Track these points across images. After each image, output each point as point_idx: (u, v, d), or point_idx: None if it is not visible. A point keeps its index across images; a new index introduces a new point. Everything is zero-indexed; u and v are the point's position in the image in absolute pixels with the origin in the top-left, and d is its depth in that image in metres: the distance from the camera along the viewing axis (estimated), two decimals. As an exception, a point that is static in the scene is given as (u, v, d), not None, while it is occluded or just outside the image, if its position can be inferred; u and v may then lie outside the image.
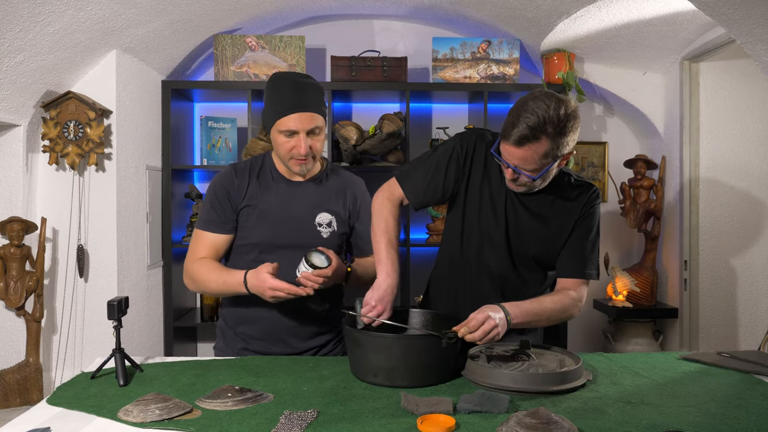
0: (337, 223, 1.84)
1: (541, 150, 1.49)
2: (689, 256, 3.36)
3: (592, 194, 1.73)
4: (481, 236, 1.74)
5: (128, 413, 1.24)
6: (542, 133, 1.46)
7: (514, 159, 1.53)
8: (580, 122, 1.55)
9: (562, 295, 1.69)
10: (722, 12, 2.11)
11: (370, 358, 1.46)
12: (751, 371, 1.56)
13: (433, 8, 3.36)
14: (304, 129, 1.70)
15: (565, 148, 1.52)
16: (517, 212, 1.71)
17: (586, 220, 1.72)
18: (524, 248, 1.73)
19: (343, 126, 3.29)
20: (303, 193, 1.82)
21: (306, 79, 1.75)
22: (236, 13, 3.16)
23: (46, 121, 2.74)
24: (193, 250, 1.82)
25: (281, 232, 1.78)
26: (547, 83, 3.31)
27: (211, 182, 1.85)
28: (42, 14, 2.34)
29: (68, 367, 2.85)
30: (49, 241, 2.84)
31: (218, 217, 1.80)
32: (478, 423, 1.21)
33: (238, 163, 1.88)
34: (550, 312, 1.65)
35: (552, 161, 1.53)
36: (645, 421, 1.22)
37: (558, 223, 1.71)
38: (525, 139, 1.47)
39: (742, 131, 3.37)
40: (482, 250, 1.75)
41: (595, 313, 3.73)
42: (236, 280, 1.68)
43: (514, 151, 1.51)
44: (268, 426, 1.19)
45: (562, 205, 1.71)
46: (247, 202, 1.79)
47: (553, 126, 1.46)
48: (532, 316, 1.61)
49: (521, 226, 1.72)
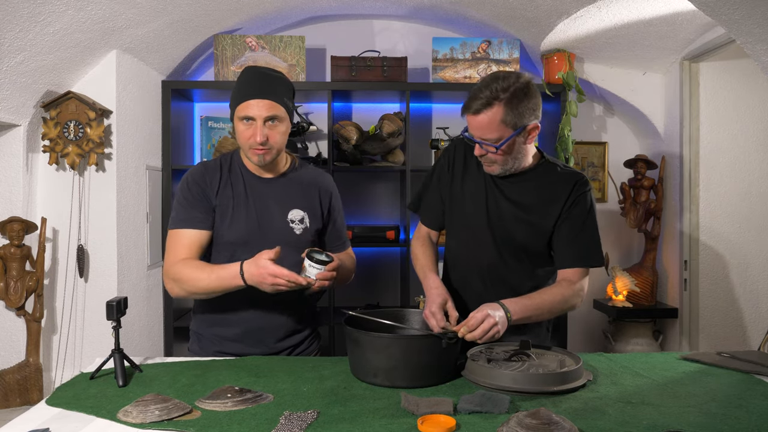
0: (309, 219, 1.82)
1: (497, 116, 1.58)
2: (689, 256, 3.36)
3: (579, 181, 1.74)
4: (467, 230, 1.79)
5: (127, 414, 1.24)
6: (496, 99, 1.57)
7: (477, 130, 1.62)
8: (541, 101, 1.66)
9: (562, 286, 1.70)
10: (722, 12, 2.11)
11: (369, 358, 1.45)
12: (751, 371, 1.56)
13: (433, 8, 3.36)
14: (261, 116, 1.67)
15: (524, 118, 1.60)
16: (498, 201, 1.74)
17: (576, 207, 1.72)
18: (508, 236, 1.74)
19: (343, 126, 3.29)
20: (273, 189, 1.80)
21: (274, 73, 1.74)
22: (236, 13, 3.16)
23: (46, 121, 2.74)
24: (172, 251, 1.72)
25: (254, 229, 1.75)
26: (547, 83, 3.31)
27: (182, 180, 1.80)
28: (42, 14, 2.34)
29: (68, 367, 2.85)
30: (49, 241, 2.84)
31: (196, 214, 1.74)
32: (479, 423, 1.20)
33: (207, 161, 1.85)
34: (550, 304, 1.65)
35: (513, 131, 1.60)
36: (645, 422, 1.21)
37: (542, 210, 1.72)
38: (482, 107, 1.58)
39: (742, 131, 3.37)
40: (469, 243, 1.79)
41: (595, 313, 3.73)
42: (231, 272, 1.60)
43: (475, 120, 1.61)
44: (268, 426, 1.19)
45: (546, 193, 1.73)
46: (219, 200, 1.76)
47: (506, 93, 1.57)
48: (532, 310, 1.61)
49: (503, 214, 1.74)
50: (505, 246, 1.75)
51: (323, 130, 3.57)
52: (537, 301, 1.64)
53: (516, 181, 1.73)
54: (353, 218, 3.63)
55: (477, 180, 1.78)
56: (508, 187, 1.74)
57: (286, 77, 1.77)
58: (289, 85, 1.77)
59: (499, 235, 1.74)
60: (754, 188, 3.38)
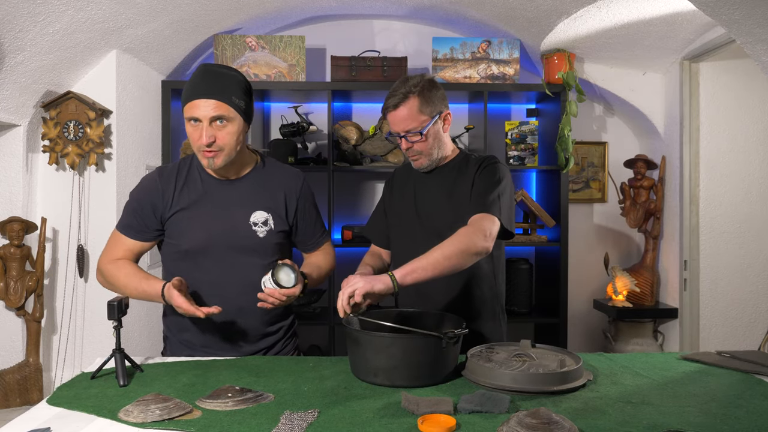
0: (274, 220, 1.77)
1: (414, 106, 1.77)
2: (689, 256, 3.36)
3: (488, 158, 1.87)
4: (401, 229, 1.93)
5: (128, 413, 1.24)
6: (410, 93, 1.77)
7: (399, 124, 1.79)
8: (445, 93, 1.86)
9: (458, 232, 1.62)
10: (722, 12, 2.11)
11: (369, 358, 1.46)
12: (751, 371, 1.56)
13: (433, 8, 3.36)
14: (205, 116, 1.60)
15: (437, 105, 1.80)
16: (425, 196, 1.89)
17: (483, 173, 1.81)
18: (436, 226, 1.81)
19: (343, 126, 3.29)
20: (235, 191, 1.75)
21: (224, 70, 1.66)
22: (236, 13, 3.16)
23: (46, 121, 2.74)
24: (110, 250, 1.76)
25: (215, 234, 1.71)
26: (547, 83, 3.31)
27: (137, 185, 1.79)
28: (42, 14, 2.34)
29: (68, 367, 2.85)
30: (49, 241, 2.84)
31: (138, 225, 1.74)
32: (479, 423, 1.21)
33: (165, 166, 1.81)
34: (445, 253, 1.55)
35: (430, 118, 1.79)
36: (646, 421, 1.22)
37: (461, 191, 1.82)
38: (399, 101, 1.78)
39: (742, 131, 3.37)
40: (406, 243, 1.87)
41: (595, 313, 3.73)
42: (155, 290, 1.63)
43: (396, 115, 1.79)
44: (268, 426, 1.19)
45: (464, 177, 1.85)
46: (176, 207, 1.72)
47: (417, 87, 1.78)
48: (418, 264, 1.53)
49: (429, 205, 1.87)
50: (436, 236, 1.69)
51: (323, 130, 3.57)
52: (427, 255, 1.55)
53: (439, 173, 1.89)
54: (353, 218, 3.63)
55: (406, 186, 1.95)
56: (432, 180, 1.89)
57: (240, 74, 1.69)
58: (242, 82, 1.68)
59: (429, 226, 1.83)
60: (754, 188, 3.39)
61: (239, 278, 1.72)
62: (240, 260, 1.73)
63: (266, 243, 1.75)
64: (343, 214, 3.64)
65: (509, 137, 3.44)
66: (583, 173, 3.76)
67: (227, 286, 1.72)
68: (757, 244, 3.39)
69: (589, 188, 3.77)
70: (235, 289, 1.71)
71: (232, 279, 1.72)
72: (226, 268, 1.72)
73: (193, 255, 1.73)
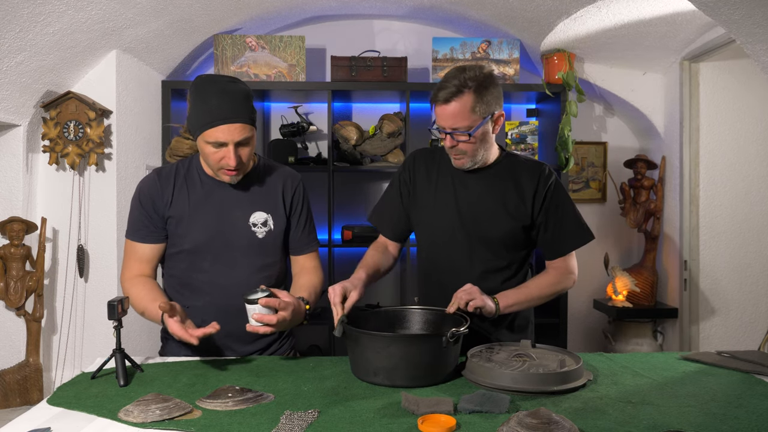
0: (273, 221, 1.77)
1: (468, 104, 1.62)
2: (689, 256, 3.36)
3: (542, 173, 1.76)
4: (440, 232, 1.80)
5: (129, 413, 1.24)
6: (465, 87, 1.61)
7: (447, 119, 1.64)
8: (502, 91, 1.73)
9: (549, 274, 1.79)
10: (722, 12, 2.11)
11: (370, 357, 1.46)
12: (751, 371, 1.56)
13: (433, 8, 3.36)
14: (233, 140, 1.60)
15: (491, 105, 1.65)
16: (469, 199, 1.76)
17: (551, 200, 1.75)
18: (482, 232, 1.75)
19: (343, 126, 3.29)
20: (234, 193, 1.75)
21: (234, 85, 1.65)
22: (236, 13, 3.16)
23: (46, 121, 2.74)
24: (126, 264, 1.77)
25: (214, 236, 1.71)
26: (547, 83, 3.31)
27: (137, 188, 1.78)
28: (42, 14, 2.34)
29: (68, 367, 2.85)
30: (49, 241, 2.84)
31: (146, 226, 1.73)
32: (479, 423, 1.21)
33: (163, 167, 1.80)
34: (542, 294, 1.75)
35: (482, 119, 1.64)
36: (646, 421, 1.22)
37: (514, 199, 1.74)
38: (452, 95, 1.61)
39: (742, 131, 3.37)
40: (446, 247, 1.79)
41: (595, 313, 3.73)
42: (156, 315, 1.63)
43: (445, 110, 1.63)
44: (268, 426, 1.19)
45: (513, 184, 1.76)
46: (175, 208, 1.72)
47: (474, 81, 1.62)
48: (522, 300, 1.72)
49: (476, 210, 1.76)
50: (482, 243, 1.76)
51: (323, 130, 3.58)
52: (524, 290, 1.73)
53: (485, 175, 1.77)
54: (353, 218, 3.63)
55: (442, 182, 1.80)
56: (476, 182, 1.77)
57: (245, 85, 1.68)
58: (249, 94, 1.67)
59: (476, 232, 1.76)
60: (754, 188, 3.39)
61: (238, 279, 1.72)
62: (239, 261, 1.74)
63: (266, 244, 1.76)
64: (343, 214, 3.64)
65: (509, 137, 3.44)
66: (582, 173, 3.76)
67: (226, 286, 1.72)
68: (757, 244, 3.39)
69: (589, 188, 3.77)
70: (234, 289, 1.71)
71: (231, 280, 1.72)
72: (226, 269, 1.72)
73: (192, 256, 1.73)
